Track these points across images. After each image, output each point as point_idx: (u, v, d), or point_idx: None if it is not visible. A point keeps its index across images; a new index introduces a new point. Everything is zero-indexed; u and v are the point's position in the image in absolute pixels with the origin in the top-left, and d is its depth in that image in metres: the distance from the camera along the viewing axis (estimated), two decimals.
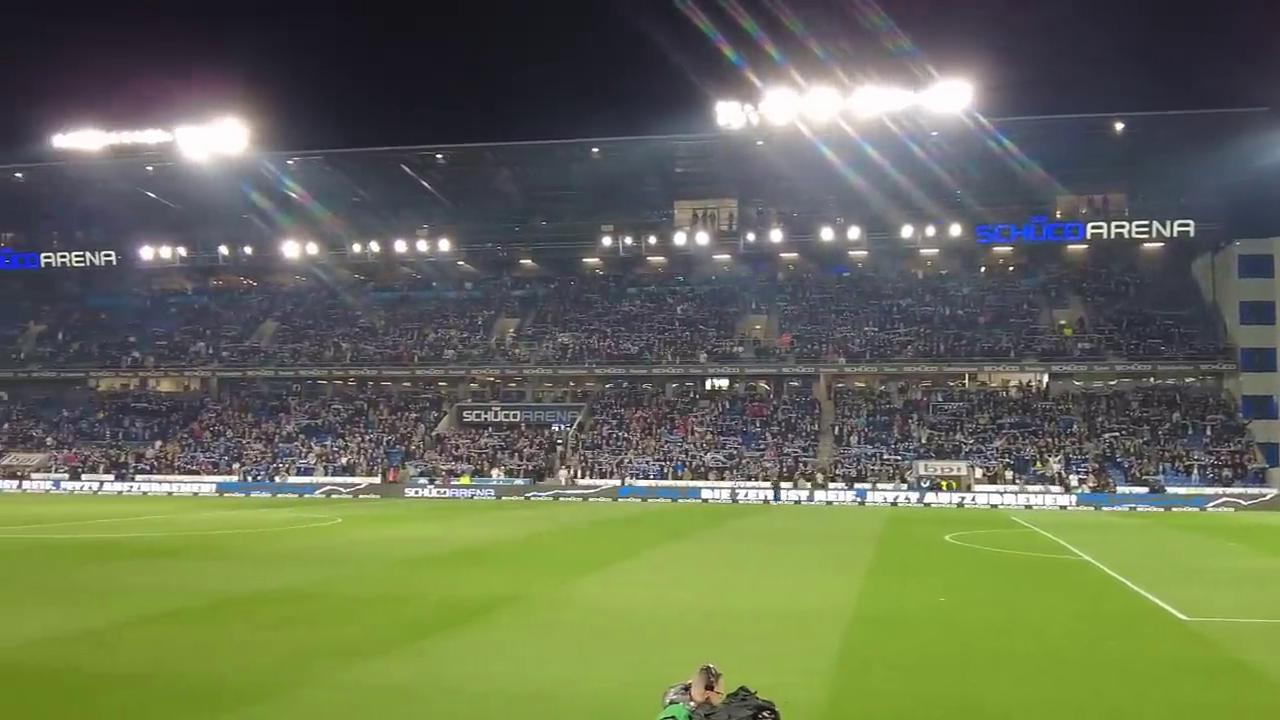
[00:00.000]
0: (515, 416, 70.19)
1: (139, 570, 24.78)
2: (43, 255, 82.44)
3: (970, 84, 62.86)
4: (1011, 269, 78.41)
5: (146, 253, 79.97)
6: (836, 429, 65.67)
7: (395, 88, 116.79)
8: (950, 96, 62.77)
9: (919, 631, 17.21)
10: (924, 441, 63.33)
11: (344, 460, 66.38)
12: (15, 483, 66.17)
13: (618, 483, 61.70)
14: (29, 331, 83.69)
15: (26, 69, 70.37)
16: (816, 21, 63.58)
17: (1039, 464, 60.38)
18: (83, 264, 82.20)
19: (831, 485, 59.86)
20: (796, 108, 64.35)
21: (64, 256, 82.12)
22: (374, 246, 78.02)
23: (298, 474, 65.69)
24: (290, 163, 72.17)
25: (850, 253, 76.71)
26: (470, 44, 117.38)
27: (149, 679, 13.32)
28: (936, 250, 75.83)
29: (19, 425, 74.62)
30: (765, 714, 8.41)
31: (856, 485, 59.57)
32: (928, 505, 56.79)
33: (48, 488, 65.40)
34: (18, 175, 74.76)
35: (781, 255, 78.24)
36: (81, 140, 71.17)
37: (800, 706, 11.35)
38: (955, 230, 71.88)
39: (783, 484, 60.08)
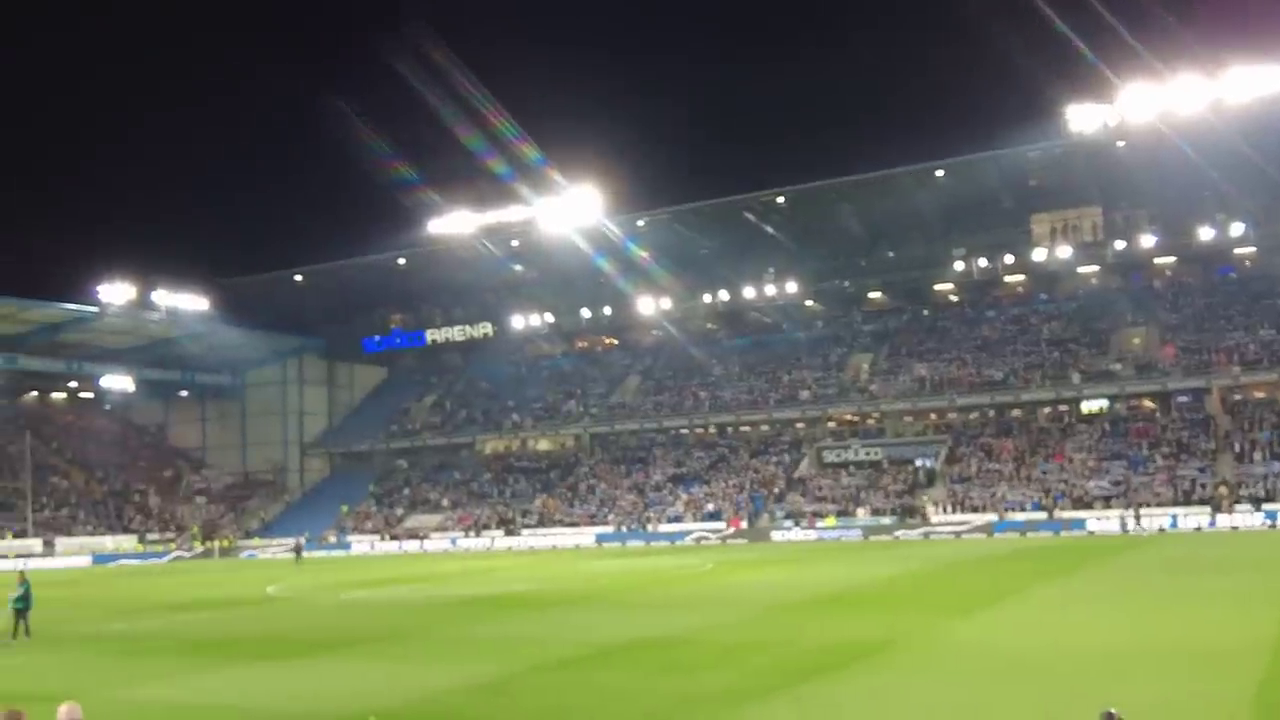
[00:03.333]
0: (876, 454, 68.81)
1: (529, 621, 26.11)
2: (428, 332, 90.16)
3: None
4: None
5: (518, 322, 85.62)
6: (1237, 446, 59.53)
7: (731, 136, 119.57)
8: None
9: None
10: None
11: (710, 506, 67.59)
12: (418, 543, 72.22)
13: (992, 517, 58.93)
14: (422, 403, 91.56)
15: (399, 164, 77.35)
16: (1177, 3, 58.72)
17: None
18: (463, 338, 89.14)
19: (1236, 508, 54.21)
20: (1158, 102, 59.64)
21: (447, 332, 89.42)
22: (723, 295, 79.46)
23: (668, 521, 67.54)
24: (640, 223, 74.98)
25: (1235, 251, 69.78)
26: (800, 80, 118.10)
27: None
28: None
29: (418, 490, 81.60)
30: None
31: (1265, 506, 53.57)
32: None
33: (446, 546, 70.85)
34: (401, 261, 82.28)
35: (1155, 261, 72.42)
36: (453, 224, 77.33)
37: None
38: None
39: (1179, 510, 55.09)
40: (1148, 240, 69.39)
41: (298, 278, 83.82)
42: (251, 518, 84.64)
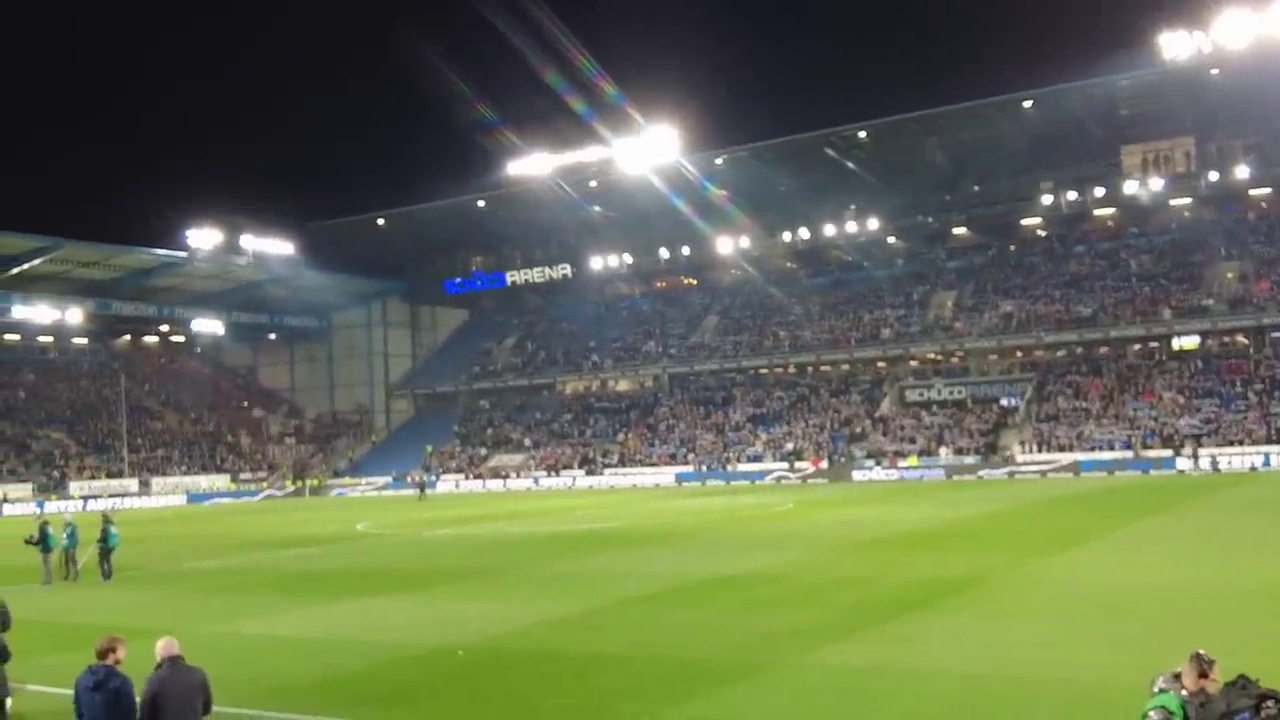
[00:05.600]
0: (960, 393, 67.97)
1: (613, 558, 26.41)
2: (508, 274, 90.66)
3: None
4: None
5: (596, 263, 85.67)
6: None
7: (811, 71, 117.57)
8: None
9: None
10: None
11: (790, 446, 67.46)
12: (501, 482, 73.30)
13: (1079, 456, 58.01)
14: (503, 344, 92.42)
15: (481, 103, 77.37)
16: None
17: None
18: (543, 279, 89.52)
19: None
20: (1254, 28, 57.25)
21: (526, 273, 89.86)
22: (803, 233, 78.56)
23: (748, 461, 67.62)
24: (718, 162, 74.27)
25: None
26: (883, 10, 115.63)
27: (632, 660, 14.05)
28: None
29: (500, 430, 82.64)
30: (1270, 704, 7.35)
31: None
32: None
33: (529, 485, 71.82)
34: (480, 203, 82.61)
35: (1251, 193, 69.92)
36: (531, 165, 77.31)
37: None
38: None
39: (1272, 448, 53.68)
40: (1242, 171, 67.05)
41: (380, 221, 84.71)
42: (340, 457, 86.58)
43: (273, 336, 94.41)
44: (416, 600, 20.41)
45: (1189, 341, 65.37)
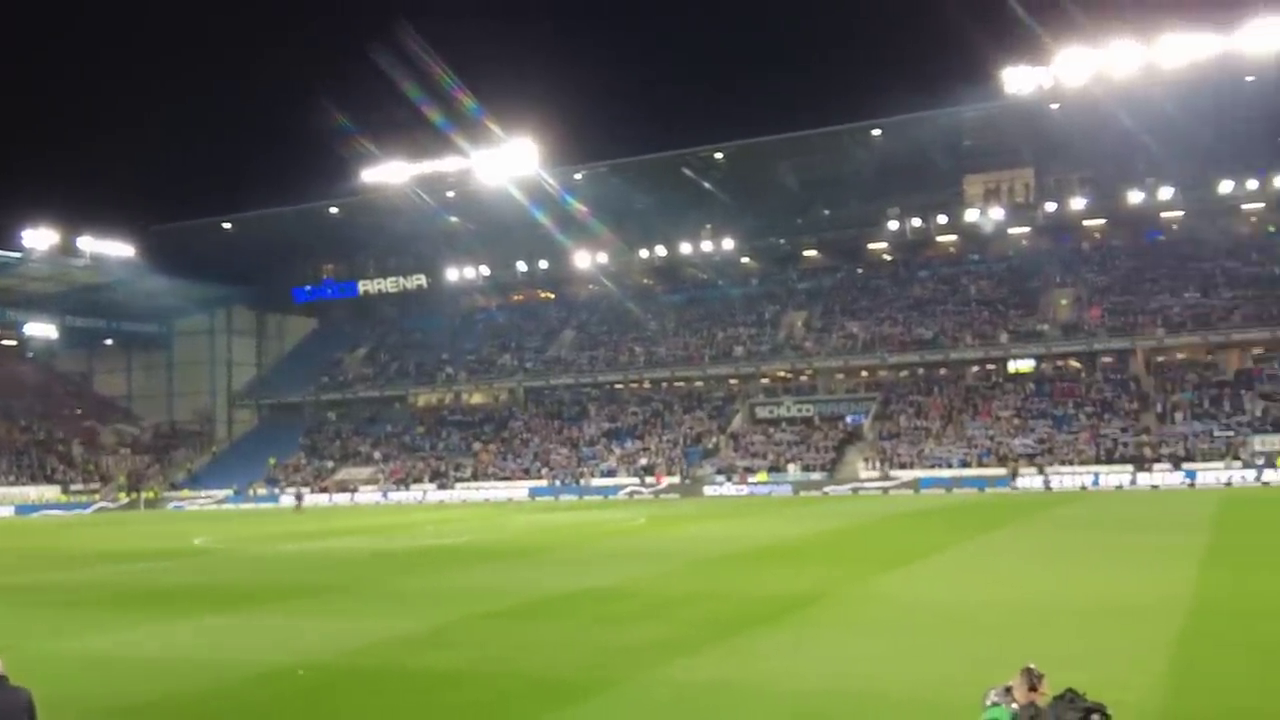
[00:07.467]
0: (808, 410, 69.55)
1: (462, 573, 26.10)
2: (360, 283, 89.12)
3: None
4: None
5: (452, 274, 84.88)
6: (1159, 406, 61.08)
7: (671, 92, 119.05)
8: (1268, 34, 57.06)
9: (1266, 622, 15.68)
10: (1259, 414, 57.83)
11: (644, 461, 67.90)
12: (348, 496, 71.71)
13: (919, 474, 59.96)
14: (354, 355, 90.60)
15: (335, 109, 75.71)
16: None
17: None
18: (397, 289, 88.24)
19: (1156, 467, 55.72)
20: (1093, 66, 60.36)
21: (379, 283, 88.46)
22: (660, 250, 79.46)
23: (601, 476, 67.77)
24: (577, 177, 74.50)
25: (1162, 215, 71.19)
26: (740, 36, 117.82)
27: (481, 676, 13.91)
28: (1262, 204, 69.22)
29: (349, 442, 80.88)
30: (1096, 716, 7.80)
31: (1184, 466, 55.15)
32: (1266, 484, 51.80)
33: (377, 499, 70.45)
34: (333, 210, 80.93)
35: (1085, 224, 73.72)
36: (388, 173, 76.16)
37: (1133, 708, 10.47)
38: None
39: (1101, 468, 56.49)
40: (1078, 203, 70.64)
41: (227, 225, 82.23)
42: (178, 469, 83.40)
43: (110, 342, 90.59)
44: (256, 618, 19.79)
45: (1025, 364, 68.36)
